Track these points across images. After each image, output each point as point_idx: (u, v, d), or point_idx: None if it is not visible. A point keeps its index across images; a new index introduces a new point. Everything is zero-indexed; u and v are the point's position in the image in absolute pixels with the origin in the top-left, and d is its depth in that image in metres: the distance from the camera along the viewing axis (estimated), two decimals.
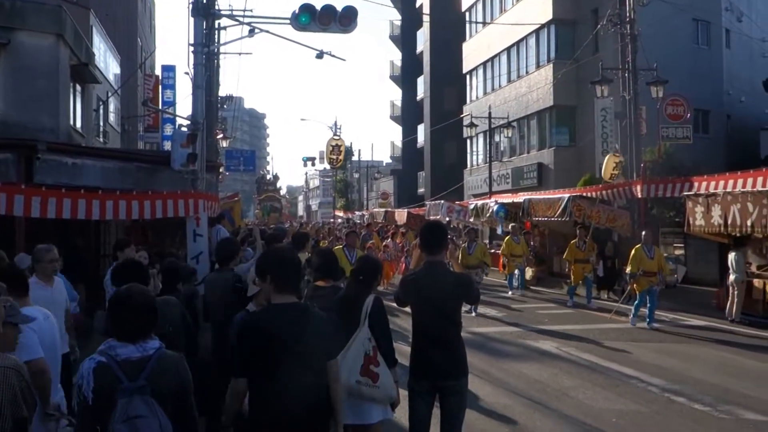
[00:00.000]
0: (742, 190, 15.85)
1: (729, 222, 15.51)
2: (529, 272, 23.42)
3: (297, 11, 13.58)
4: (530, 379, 10.65)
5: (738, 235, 15.56)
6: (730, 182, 16.76)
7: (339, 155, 41.61)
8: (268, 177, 78.93)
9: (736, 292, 15.65)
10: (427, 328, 5.79)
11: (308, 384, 4.21)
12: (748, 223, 14.89)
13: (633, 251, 15.66)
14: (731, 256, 15.79)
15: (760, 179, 15.91)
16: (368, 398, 5.58)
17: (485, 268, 19.60)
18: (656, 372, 11.00)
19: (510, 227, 22.67)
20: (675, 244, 22.98)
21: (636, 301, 15.74)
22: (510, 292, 21.22)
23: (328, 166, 45.98)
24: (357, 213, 51.58)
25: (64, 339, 6.94)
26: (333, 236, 22.79)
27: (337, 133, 41.97)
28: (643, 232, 16.36)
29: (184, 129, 14.45)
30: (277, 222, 47.25)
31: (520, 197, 25.37)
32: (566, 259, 19.86)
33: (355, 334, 5.62)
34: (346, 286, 6.35)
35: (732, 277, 15.62)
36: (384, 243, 23.92)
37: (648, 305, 15.34)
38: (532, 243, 25.00)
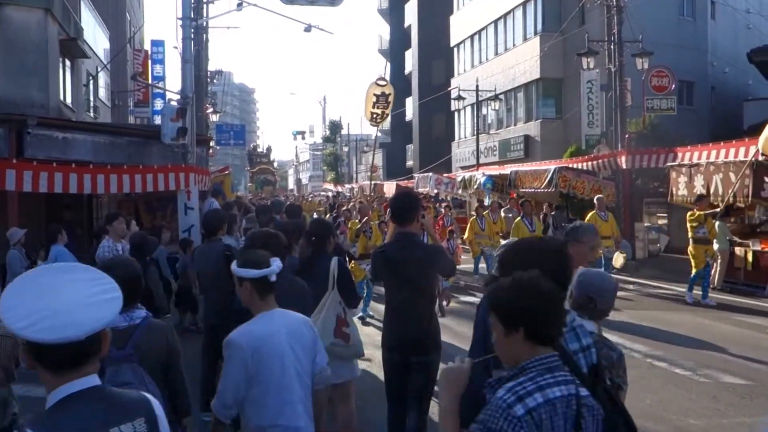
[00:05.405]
0: (725, 160, 16.00)
1: (711, 191, 15.68)
2: (619, 260, 16.15)
3: None
4: None
5: (720, 204, 15.76)
6: (713, 152, 16.87)
7: (386, 108, 28.31)
8: (260, 149, 78.73)
9: (718, 261, 15.86)
10: (398, 301, 5.66)
11: None
12: (730, 192, 15.10)
13: None
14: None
15: (742, 149, 15.97)
16: (338, 357, 5.57)
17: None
18: (639, 338, 11.20)
19: (595, 199, 16.70)
20: (658, 214, 23.24)
21: None
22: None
23: (368, 123, 29.96)
24: (347, 186, 51.54)
25: None
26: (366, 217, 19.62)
27: (383, 78, 29.32)
28: None
29: (173, 103, 14.51)
30: (271, 195, 47.24)
31: (506, 169, 25.62)
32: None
33: (324, 297, 5.69)
34: (300, 247, 6.44)
35: (715, 246, 15.81)
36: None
37: None
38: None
